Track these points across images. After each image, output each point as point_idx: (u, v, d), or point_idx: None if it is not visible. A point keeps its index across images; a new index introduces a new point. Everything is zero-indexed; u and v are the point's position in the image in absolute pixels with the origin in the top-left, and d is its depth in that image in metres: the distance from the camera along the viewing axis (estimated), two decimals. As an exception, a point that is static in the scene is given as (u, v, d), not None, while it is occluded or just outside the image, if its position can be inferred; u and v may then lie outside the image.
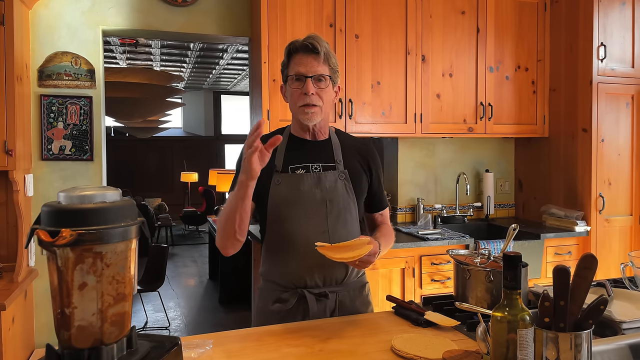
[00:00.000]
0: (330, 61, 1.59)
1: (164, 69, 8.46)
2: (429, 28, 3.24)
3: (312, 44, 1.55)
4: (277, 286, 1.61)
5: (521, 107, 3.50)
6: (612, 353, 1.18)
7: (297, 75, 1.56)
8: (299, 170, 1.60)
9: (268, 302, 1.61)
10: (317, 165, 1.61)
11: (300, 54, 1.57)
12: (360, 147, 1.70)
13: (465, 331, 1.43)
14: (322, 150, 1.64)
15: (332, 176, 1.60)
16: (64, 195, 0.90)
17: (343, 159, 1.64)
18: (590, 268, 1.04)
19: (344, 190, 1.61)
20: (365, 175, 1.68)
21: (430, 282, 2.94)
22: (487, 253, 1.63)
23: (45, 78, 2.95)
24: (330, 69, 1.59)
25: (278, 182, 1.58)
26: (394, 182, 3.64)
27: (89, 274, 0.88)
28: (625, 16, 3.28)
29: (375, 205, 1.75)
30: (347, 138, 1.72)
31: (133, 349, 0.97)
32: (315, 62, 1.56)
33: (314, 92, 1.55)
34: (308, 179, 1.59)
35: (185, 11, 3.19)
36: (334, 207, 1.59)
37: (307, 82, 1.54)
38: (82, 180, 3.02)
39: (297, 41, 1.58)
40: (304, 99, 1.55)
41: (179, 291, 5.99)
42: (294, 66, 1.58)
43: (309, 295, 1.57)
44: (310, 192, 1.58)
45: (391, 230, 1.75)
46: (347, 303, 1.63)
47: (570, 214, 3.28)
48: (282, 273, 1.60)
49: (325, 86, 1.58)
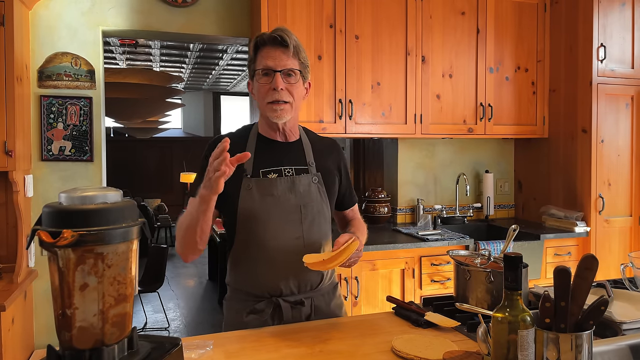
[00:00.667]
0: (300, 55, 1.51)
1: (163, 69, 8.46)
2: (429, 29, 3.24)
3: (280, 36, 1.47)
4: (249, 296, 1.53)
5: (521, 107, 3.50)
6: (612, 354, 1.19)
7: (265, 69, 1.48)
8: (271, 174, 1.52)
9: (241, 314, 1.52)
10: (289, 168, 1.54)
11: (268, 47, 1.49)
12: (329, 147, 1.65)
13: (465, 332, 1.43)
14: (293, 152, 1.57)
15: (305, 180, 1.54)
16: (65, 196, 0.90)
17: (315, 161, 1.58)
18: (591, 269, 1.04)
19: (317, 194, 1.55)
20: (337, 176, 1.64)
21: (430, 283, 2.94)
22: (487, 254, 1.63)
23: (45, 79, 2.95)
24: (300, 63, 1.51)
25: (249, 187, 1.49)
26: (394, 183, 3.64)
27: (90, 275, 0.88)
28: (625, 17, 3.29)
29: (345, 203, 1.71)
30: (316, 138, 1.66)
31: (134, 350, 0.97)
32: (284, 55, 1.48)
33: (283, 88, 1.47)
34: (282, 183, 1.51)
35: (185, 12, 3.20)
36: (309, 211, 1.53)
37: (276, 77, 1.46)
38: (82, 180, 3.02)
39: (265, 34, 1.50)
40: (273, 95, 1.47)
41: (178, 292, 5.98)
42: (261, 60, 1.49)
43: (284, 304, 1.50)
44: (284, 197, 1.50)
45: (363, 223, 1.70)
46: (322, 307, 1.58)
47: (570, 215, 3.28)
48: (255, 282, 1.52)
49: (295, 81, 1.50)
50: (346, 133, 3.08)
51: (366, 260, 2.80)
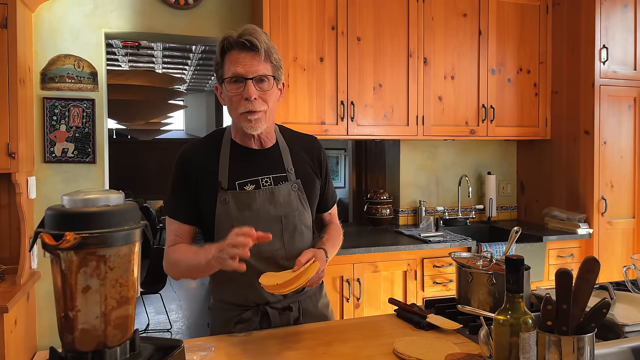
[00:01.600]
0: (272, 57, 1.39)
1: (165, 71, 8.48)
2: (431, 30, 3.24)
3: (249, 40, 1.34)
4: (235, 307, 1.48)
5: (523, 109, 3.50)
6: (614, 356, 1.18)
7: (234, 76, 1.36)
8: (248, 185, 1.43)
9: (228, 325, 1.47)
10: (267, 177, 1.45)
11: (237, 51, 1.36)
12: (308, 147, 1.56)
13: (467, 334, 1.42)
14: (270, 160, 1.48)
15: (285, 189, 1.46)
16: (67, 199, 0.91)
17: (294, 166, 1.49)
18: (593, 271, 1.04)
19: (298, 202, 1.47)
20: (317, 179, 1.56)
21: (432, 285, 2.94)
22: (490, 256, 1.63)
23: (48, 81, 2.96)
24: (272, 67, 1.40)
25: (225, 201, 1.41)
26: (396, 185, 3.64)
27: (92, 277, 0.88)
28: (627, 18, 3.28)
29: (322, 206, 1.62)
30: (293, 138, 1.56)
31: (136, 352, 0.97)
32: (254, 60, 1.36)
33: (256, 97, 1.36)
34: (260, 195, 1.43)
35: (187, 14, 3.20)
36: (290, 221, 1.45)
37: (248, 85, 1.35)
38: (85, 182, 3.02)
39: (231, 36, 1.36)
40: (246, 105, 1.37)
41: (180, 293, 5.99)
42: (230, 66, 1.37)
43: (271, 311, 1.46)
44: (263, 210, 1.42)
45: (339, 230, 1.63)
46: (310, 309, 1.54)
47: (572, 217, 3.27)
48: (239, 294, 1.47)
49: (268, 87, 1.39)
50: (348, 135, 3.09)
51: (368, 262, 2.80)
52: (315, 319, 1.55)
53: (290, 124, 1.80)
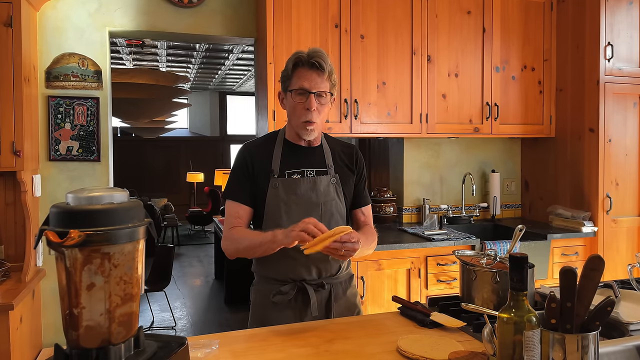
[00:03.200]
0: (332, 77, 1.66)
1: (170, 69, 8.49)
2: (435, 28, 3.23)
3: (318, 62, 1.61)
4: (275, 281, 1.68)
5: (527, 107, 3.49)
6: (619, 354, 1.18)
7: (301, 89, 1.62)
8: (295, 175, 1.69)
9: (267, 295, 1.67)
10: (311, 170, 1.71)
11: (306, 68, 1.63)
12: (346, 151, 1.80)
13: (471, 332, 1.42)
14: (315, 156, 1.74)
15: (325, 181, 1.70)
16: (72, 197, 0.91)
17: (334, 164, 1.74)
18: (597, 269, 1.04)
19: (335, 194, 1.71)
20: (352, 177, 1.78)
21: (436, 283, 2.94)
22: (494, 254, 1.63)
23: (52, 79, 2.97)
24: (331, 85, 1.66)
25: (275, 186, 1.66)
26: (400, 183, 3.64)
27: (97, 275, 0.89)
28: (632, 15, 3.26)
29: (355, 201, 1.81)
30: (335, 143, 1.81)
31: (140, 349, 0.98)
32: (319, 78, 1.62)
33: (315, 109, 1.62)
34: (304, 183, 1.68)
35: (191, 12, 3.21)
36: (327, 209, 1.69)
37: (311, 98, 1.61)
38: (89, 180, 3.03)
39: (303, 56, 1.63)
40: (306, 115, 1.63)
41: (185, 291, 6.01)
42: (297, 80, 1.63)
43: (308, 287, 1.65)
44: (306, 195, 1.67)
45: (373, 232, 1.80)
46: (340, 294, 1.72)
47: (577, 215, 3.26)
48: (280, 270, 1.67)
49: (325, 102, 1.66)
50: (352, 133, 3.08)
51: (372, 260, 2.80)
52: (343, 303, 1.72)
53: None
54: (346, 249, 1.45)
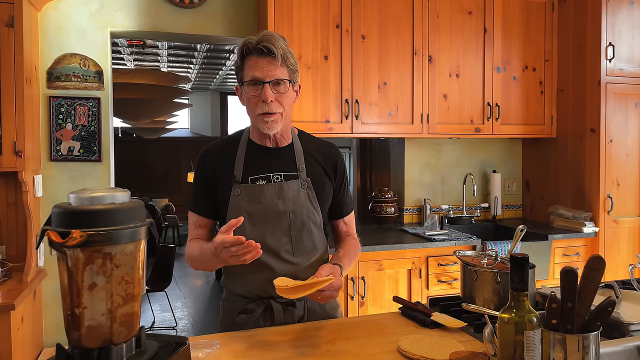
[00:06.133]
0: (289, 62, 1.48)
1: (171, 70, 8.50)
2: (436, 28, 3.23)
3: (266, 47, 1.43)
4: (241, 298, 1.55)
5: (529, 107, 3.49)
6: (619, 355, 1.18)
7: (253, 80, 1.46)
8: (259, 180, 1.52)
9: (232, 314, 1.55)
10: (278, 175, 1.53)
11: (255, 56, 1.46)
12: (323, 151, 1.62)
13: (472, 332, 1.42)
14: (283, 158, 1.56)
15: (294, 186, 1.53)
16: (74, 197, 0.91)
17: (305, 166, 1.56)
18: (598, 270, 1.04)
19: (306, 200, 1.54)
20: (330, 181, 1.61)
21: (437, 283, 2.94)
22: (494, 254, 1.63)
23: (54, 80, 2.98)
24: (289, 71, 1.48)
25: (237, 193, 1.51)
26: (401, 183, 3.64)
27: (98, 275, 0.89)
28: (634, 16, 3.26)
29: (336, 211, 1.66)
30: (310, 141, 1.63)
31: (142, 349, 0.98)
32: (271, 65, 1.44)
33: (272, 99, 1.45)
34: (269, 190, 1.51)
35: (192, 13, 3.21)
36: (297, 217, 1.52)
37: (265, 89, 1.44)
38: (91, 181, 3.04)
39: (251, 42, 1.46)
40: (263, 107, 1.46)
41: (186, 291, 6.01)
42: (248, 70, 1.46)
43: (275, 305, 1.51)
44: (272, 204, 1.50)
45: (356, 244, 1.67)
46: (316, 309, 1.57)
47: (578, 215, 3.26)
48: (246, 285, 1.54)
49: (284, 90, 1.48)
50: (352, 133, 3.08)
51: (373, 260, 2.80)
52: (321, 318, 1.56)
53: (294, 123, 1.80)
54: (324, 297, 1.35)
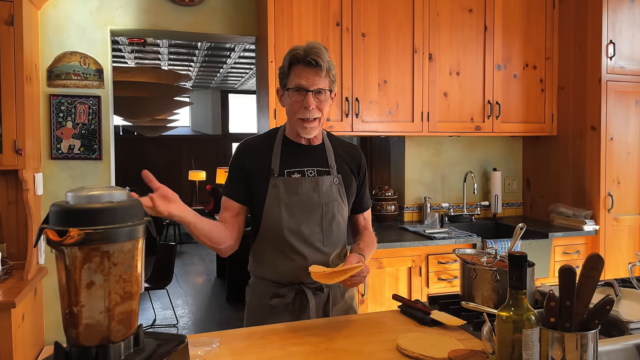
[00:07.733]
0: (330, 73, 1.60)
1: (171, 68, 8.49)
2: (436, 26, 3.23)
3: (314, 60, 1.55)
4: (272, 283, 1.65)
5: (529, 105, 3.48)
6: (618, 353, 1.18)
7: (297, 87, 1.57)
8: (295, 174, 1.64)
9: (265, 298, 1.64)
10: (312, 170, 1.66)
11: (302, 66, 1.57)
12: (349, 152, 1.76)
13: (471, 330, 1.43)
14: (316, 155, 1.69)
15: (327, 181, 1.66)
16: (71, 195, 0.91)
17: (336, 164, 1.69)
18: (597, 268, 1.03)
19: (337, 195, 1.67)
20: (355, 179, 1.74)
21: (437, 281, 2.94)
22: (494, 252, 1.63)
23: (54, 78, 2.98)
24: (329, 81, 1.61)
25: (276, 185, 1.62)
26: (401, 181, 3.64)
27: (96, 273, 0.89)
28: (635, 14, 3.25)
29: (357, 206, 1.80)
30: (337, 143, 1.76)
31: (140, 347, 0.98)
32: (316, 76, 1.56)
33: (314, 107, 1.57)
34: (306, 183, 1.63)
35: (192, 11, 3.21)
36: (329, 210, 1.65)
37: (308, 97, 1.56)
38: (91, 179, 3.04)
39: (299, 52, 1.57)
40: (304, 113, 1.58)
41: (187, 289, 6.02)
42: (294, 78, 1.58)
43: (307, 290, 1.62)
44: (308, 196, 1.63)
45: (373, 238, 1.80)
46: (338, 297, 1.71)
47: (578, 213, 3.26)
48: (278, 272, 1.64)
49: (325, 99, 1.60)
50: (353, 131, 3.08)
51: (373, 259, 2.80)
52: (342, 305, 1.71)
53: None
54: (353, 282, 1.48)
